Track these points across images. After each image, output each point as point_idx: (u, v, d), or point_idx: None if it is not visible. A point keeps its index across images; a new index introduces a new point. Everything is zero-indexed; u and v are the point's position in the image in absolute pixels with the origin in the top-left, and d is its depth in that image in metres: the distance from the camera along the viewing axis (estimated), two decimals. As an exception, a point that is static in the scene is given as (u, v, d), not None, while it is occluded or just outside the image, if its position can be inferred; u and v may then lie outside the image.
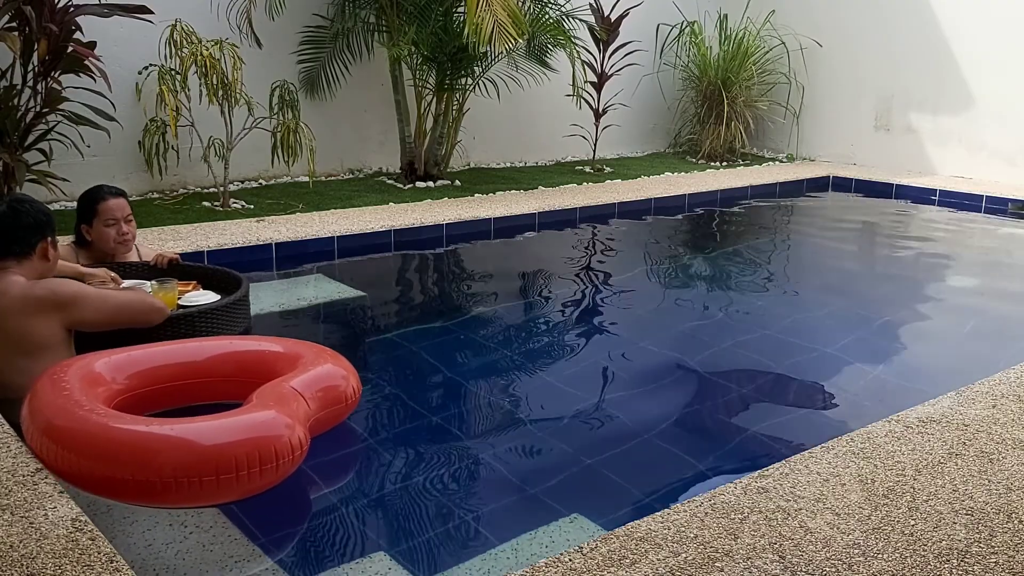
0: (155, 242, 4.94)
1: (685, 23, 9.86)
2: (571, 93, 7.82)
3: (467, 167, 8.67)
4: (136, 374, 2.87)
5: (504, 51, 6.81)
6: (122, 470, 2.37)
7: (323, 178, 7.66)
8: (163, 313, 3.26)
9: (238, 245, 5.26)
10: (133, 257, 4.00)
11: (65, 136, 5.75)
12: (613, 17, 8.57)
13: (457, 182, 7.72)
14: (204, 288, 3.87)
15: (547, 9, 7.79)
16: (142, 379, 2.88)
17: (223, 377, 3.01)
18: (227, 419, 2.54)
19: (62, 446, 2.43)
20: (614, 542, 2.26)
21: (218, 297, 3.70)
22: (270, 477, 2.49)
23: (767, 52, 9.79)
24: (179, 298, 3.64)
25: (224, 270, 3.96)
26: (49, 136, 5.66)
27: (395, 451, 3.18)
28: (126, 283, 3.67)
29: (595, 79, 8.63)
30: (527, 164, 9.24)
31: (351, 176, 7.94)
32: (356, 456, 3.18)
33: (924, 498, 2.54)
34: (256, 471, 2.42)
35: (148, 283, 3.67)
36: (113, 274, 3.54)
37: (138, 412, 2.73)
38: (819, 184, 8.98)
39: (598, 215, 7.11)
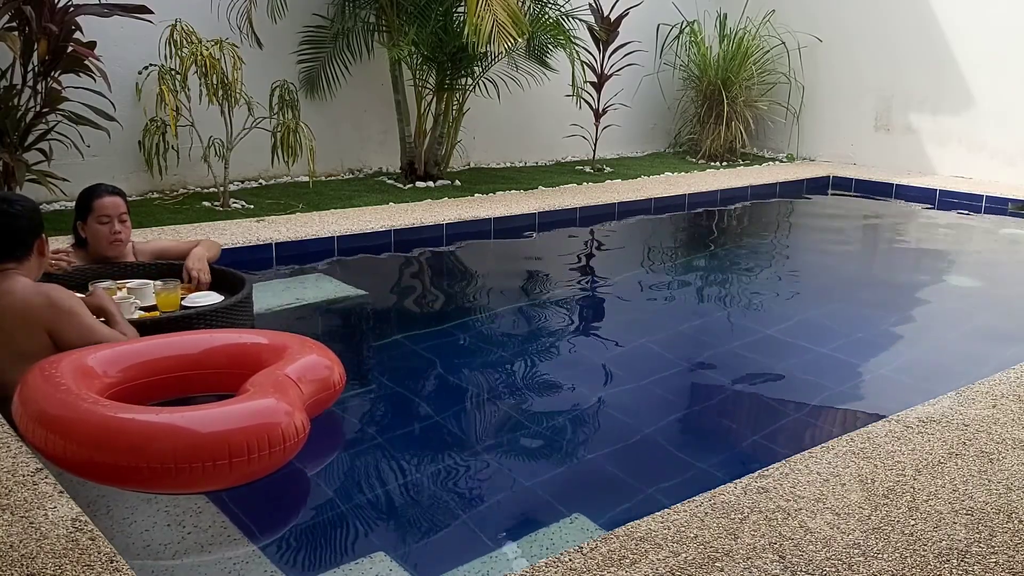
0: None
1: (685, 23, 9.86)
2: (571, 93, 7.82)
3: (467, 167, 8.67)
4: (127, 367, 2.89)
5: (504, 51, 6.81)
6: (137, 458, 2.43)
7: (323, 178, 7.66)
8: None
9: (238, 245, 5.25)
10: (130, 259, 3.99)
11: (65, 136, 5.75)
12: (613, 17, 8.57)
13: (457, 182, 7.72)
14: (208, 288, 3.86)
15: (547, 9, 7.78)
16: (134, 372, 2.90)
17: (213, 369, 3.05)
18: (233, 406, 2.63)
19: (72, 439, 2.46)
20: (614, 542, 2.26)
21: (222, 298, 3.70)
22: (277, 460, 2.61)
23: (767, 52, 9.79)
24: (183, 299, 3.64)
25: (228, 270, 3.96)
26: (49, 136, 5.66)
27: (395, 451, 3.18)
28: (131, 283, 3.67)
29: (595, 79, 8.63)
30: (527, 164, 9.24)
31: (351, 176, 7.94)
32: (356, 456, 3.18)
33: (924, 498, 2.54)
34: (265, 454, 2.55)
35: (151, 283, 3.66)
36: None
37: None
38: (819, 184, 8.97)
39: (598, 215, 7.11)
